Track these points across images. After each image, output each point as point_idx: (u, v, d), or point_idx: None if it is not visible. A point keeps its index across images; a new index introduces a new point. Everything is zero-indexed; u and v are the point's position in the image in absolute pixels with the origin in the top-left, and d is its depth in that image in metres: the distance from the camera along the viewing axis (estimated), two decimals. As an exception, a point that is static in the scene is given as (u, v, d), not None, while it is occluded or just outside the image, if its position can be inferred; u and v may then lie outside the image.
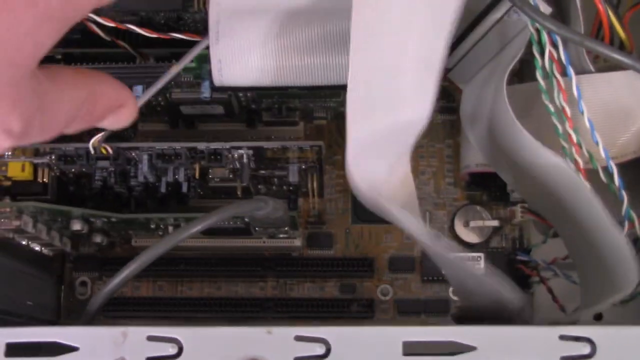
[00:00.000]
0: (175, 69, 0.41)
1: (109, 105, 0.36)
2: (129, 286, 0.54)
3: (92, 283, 0.55)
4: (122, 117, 0.38)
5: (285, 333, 0.33)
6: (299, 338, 0.33)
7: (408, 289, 0.54)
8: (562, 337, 0.33)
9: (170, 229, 0.48)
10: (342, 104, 0.43)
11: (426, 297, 0.54)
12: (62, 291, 0.55)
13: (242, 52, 0.40)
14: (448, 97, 0.55)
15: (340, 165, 0.55)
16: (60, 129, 0.34)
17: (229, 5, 0.41)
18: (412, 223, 0.39)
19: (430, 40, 0.39)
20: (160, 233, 0.49)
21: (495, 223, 0.54)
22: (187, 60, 0.41)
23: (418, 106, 0.39)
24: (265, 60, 0.41)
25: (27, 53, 0.29)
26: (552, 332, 0.34)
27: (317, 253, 0.54)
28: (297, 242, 0.51)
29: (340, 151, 0.55)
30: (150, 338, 0.33)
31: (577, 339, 0.33)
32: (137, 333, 0.33)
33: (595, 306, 0.40)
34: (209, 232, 0.49)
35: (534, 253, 0.53)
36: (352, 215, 0.55)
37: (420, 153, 0.55)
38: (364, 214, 0.54)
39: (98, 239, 0.50)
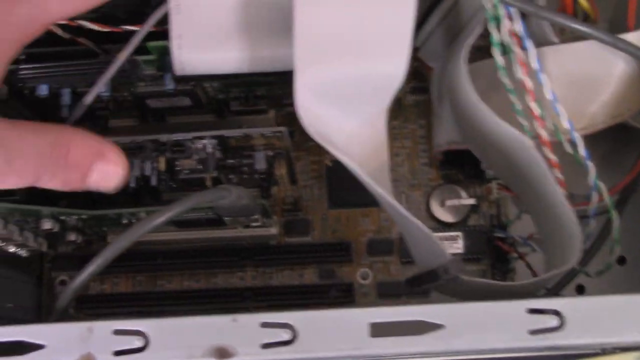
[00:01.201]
0: (125, 53, 0.41)
1: (84, 155, 0.36)
2: (108, 282, 0.54)
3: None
4: (108, 174, 0.38)
5: (250, 320, 0.33)
6: (264, 325, 0.33)
7: (387, 271, 0.54)
8: (530, 311, 0.33)
9: (143, 223, 0.47)
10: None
11: (406, 278, 0.54)
12: (42, 291, 0.55)
13: (205, 32, 0.40)
14: (419, 77, 0.55)
15: (315, 151, 0.55)
16: (30, 176, 0.34)
17: None
18: (362, 174, 0.38)
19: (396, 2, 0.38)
20: (134, 228, 0.49)
21: (472, 201, 0.54)
22: (149, 25, 0.41)
23: (391, 61, 0.39)
24: (229, 46, 0.40)
25: None
26: (519, 306, 0.33)
27: (295, 240, 0.54)
28: (274, 230, 0.51)
29: (314, 137, 0.55)
30: (117, 332, 0.33)
31: (544, 311, 0.33)
32: (103, 327, 0.33)
33: (545, 276, 0.40)
34: (182, 224, 0.49)
35: (511, 229, 0.53)
36: (328, 201, 0.55)
37: (394, 135, 0.55)
38: (340, 199, 0.55)
39: (72, 237, 0.50)
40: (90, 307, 0.52)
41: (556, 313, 0.33)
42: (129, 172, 0.39)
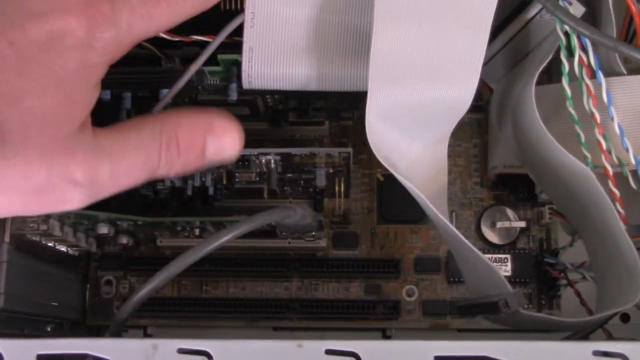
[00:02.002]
0: (196, 65, 0.40)
1: (194, 135, 0.36)
2: (154, 285, 0.54)
3: (117, 282, 0.55)
4: (224, 145, 0.37)
5: (315, 347, 0.33)
6: (329, 352, 0.33)
7: (434, 290, 0.54)
8: (595, 353, 0.33)
9: (197, 231, 0.48)
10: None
11: (452, 298, 0.54)
12: (87, 290, 0.55)
13: (276, 49, 0.40)
14: (477, 96, 0.54)
15: (366, 164, 0.55)
16: (143, 169, 0.34)
17: (264, 3, 0.40)
18: (425, 201, 0.38)
19: (472, 30, 0.38)
20: (186, 234, 0.49)
21: (522, 224, 0.53)
22: (223, 36, 0.40)
23: (461, 86, 0.38)
24: (299, 64, 0.40)
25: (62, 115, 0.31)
26: (585, 348, 0.33)
27: (343, 253, 0.54)
28: (322, 243, 0.51)
29: (366, 150, 0.55)
30: (181, 351, 0.33)
31: (611, 354, 0.33)
32: (168, 345, 0.33)
33: (603, 314, 0.40)
34: (234, 234, 0.49)
35: (561, 255, 0.53)
36: (378, 215, 0.55)
37: (448, 152, 0.54)
38: (389, 213, 0.54)
39: (124, 240, 0.50)
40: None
41: (622, 357, 0.33)
42: (242, 135, 0.38)
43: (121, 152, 0.33)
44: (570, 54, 0.40)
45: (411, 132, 0.40)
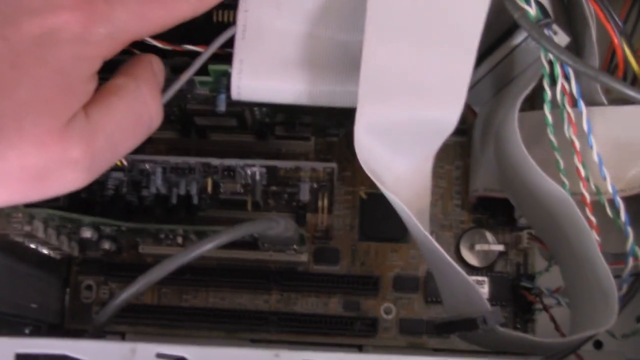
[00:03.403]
0: (187, 74, 0.41)
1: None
2: (134, 292, 0.54)
3: (98, 287, 0.55)
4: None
5: (293, 357, 0.34)
6: (305, 364, 0.34)
7: (411, 308, 0.54)
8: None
9: (179, 239, 0.48)
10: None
11: (429, 317, 0.54)
12: (67, 294, 0.55)
13: (266, 62, 0.40)
14: (460, 119, 0.55)
15: (349, 181, 0.55)
16: (139, 129, 0.35)
17: (255, 16, 0.40)
18: (408, 215, 0.39)
19: (459, 53, 0.39)
20: (168, 242, 0.49)
21: (501, 248, 0.54)
22: (214, 47, 0.41)
23: (447, 107, 0.39)
24: (288, 78, 0.41)
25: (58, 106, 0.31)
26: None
27: (323, 269, 0.55)
28: (304, 257, 0.51)
29: (350, 167, 0.55)
30: (159, 355, 0.34)
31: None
32: (146, 349, 0.34)
33: (578, 336, 0.41)
34: (216, 244, 0.49)
35: (537, 280, 0.54)
36: (359, 232, 0.55)
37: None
38: (371, 231, 0.55)
39: (106, 245, 0.51)
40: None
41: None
42: None
43: (110, 121, 0.34)
44: (553, 82, 0.41)
45: (398, 148, 0.41)
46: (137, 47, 0.44)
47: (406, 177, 0.42)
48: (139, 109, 0.35)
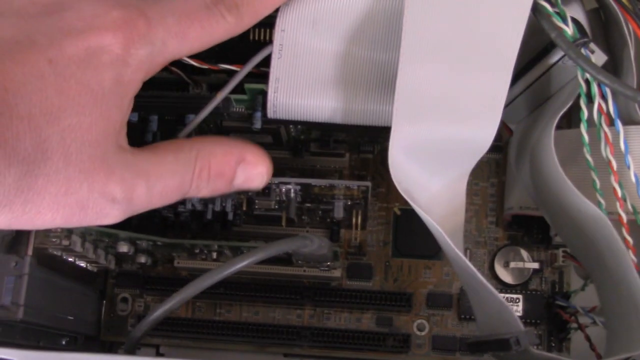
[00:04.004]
0: (223, 93, 0.41)
1: (226, 164, 0.37)
2: (168, 305, 0.55)
3: (133, 300, 0.56)
4: (252, 176, 0.38)
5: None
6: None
7: (444, 325, 0.54)
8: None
9: (214, 254, 0.48)
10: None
11: (462, 334, 0.54)
12: (104, 306, 0.56)
13: (302, 80, 0.41)
14: (496, 136, 0.55)
15: (384, 197, 0.55)
16: (176, 191, 0.36)
17: (292, 35, 0.41)
18: (442, 234, 0.38)
19: (495, 72, 0.39)
20: (203, 257, 0.50)
21: (536, 265, 0.54)
22: (251, 66, 0.41)
23: (483, 126, 0.39)
24: (324, 97, 0.41)
25: (99, 132, 0.32)
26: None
27: (356, 284, 0.55)
28: (337, 273, 0.52)
29: (384, 183, 0.55)
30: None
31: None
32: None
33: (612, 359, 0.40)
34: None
35: (573, 298, 0.53)
36: (393, 249, 0.55)
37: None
38: (404, 247, 0.55)
39: (142, 259, 0.51)
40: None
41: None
42: (271, 168, 0.40)
43: (157, 174, 0.34)
44: (590, 101, 0.41)
45: (432, 167, 0.41)
46: (178, 65, 0.45)
47: (440, 196, 0.42)
48: (187, 177, 0.36)
